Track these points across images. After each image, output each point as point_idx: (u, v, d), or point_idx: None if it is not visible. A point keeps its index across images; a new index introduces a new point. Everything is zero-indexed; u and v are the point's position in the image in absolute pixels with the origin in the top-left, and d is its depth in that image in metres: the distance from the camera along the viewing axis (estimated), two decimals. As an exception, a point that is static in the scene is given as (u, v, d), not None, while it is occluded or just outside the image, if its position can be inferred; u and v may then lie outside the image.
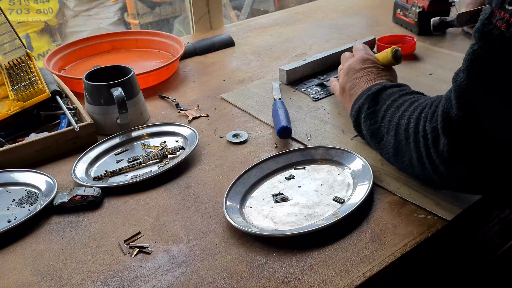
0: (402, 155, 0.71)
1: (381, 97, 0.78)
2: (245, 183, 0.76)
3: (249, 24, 1.49)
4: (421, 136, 0.66)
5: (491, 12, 0.54)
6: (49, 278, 0.62)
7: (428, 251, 0.67)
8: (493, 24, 0.54)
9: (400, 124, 0.71)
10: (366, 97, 0.80)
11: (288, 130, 0.85)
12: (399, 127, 0.71)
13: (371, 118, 0.78)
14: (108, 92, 0.88)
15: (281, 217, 0.69)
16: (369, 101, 0.79)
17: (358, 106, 0.81)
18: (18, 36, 1.03)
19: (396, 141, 0.72)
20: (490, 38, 0.54)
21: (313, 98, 1.01)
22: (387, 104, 0.76)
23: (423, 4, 1.27)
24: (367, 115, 0.78)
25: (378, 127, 0.76)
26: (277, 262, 0.62)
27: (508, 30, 0.52)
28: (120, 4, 2.50)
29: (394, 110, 0.74)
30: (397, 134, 0.71)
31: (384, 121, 0.75)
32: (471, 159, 0.61)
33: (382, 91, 0.79)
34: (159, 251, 0.65)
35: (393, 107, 0.74)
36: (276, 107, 0.92)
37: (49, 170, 0.82)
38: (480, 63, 0.56)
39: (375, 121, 0.77)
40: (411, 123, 0.68)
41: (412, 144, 0.68)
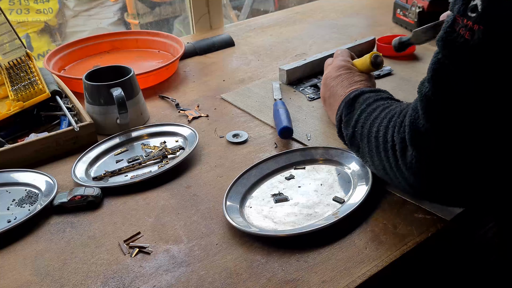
0: (377, 164, 0.68)
1: (357, 102, 0.76)
2: (245, 183, 0.76)
3: (249, 24, 1.49)
4: (389, 146, 0.64)
5: (454, 20, 0.52)
6: (49, 278, 0.62)
7: (428, 251, 0.67)
8: (456, 32, 0.52)
9: (371, 132, 0.69)
10: (344, 104, 0.78)
11: (289, 130, 0.85)
12: (370, 135, 0.68)
13: (348, 125, 0.75)
14: (108, 92, 0.88)
15: (281, 217, 0.69)
16: (347, 108, 0.77)
17: (339, 116, 0.79)
18: (18, 36, 1.03)
19: (369, 149, 0.69)
20: (454, 46, 0.52)
21: (309, 98, 1.01)
22: (361, 109, 0.73)
23: (423, 4, 1.27)
24: (345, 123, 0.76)
25: (352, 133, 0.74)
26: (277, 262, 0.62)
27: (473, 38, 0.50)
28: (120, 4, 2.50)
29: (366, 116, 0.71)
30: (369, 142, 0.69)
31: (357, 127, 0.73)
32: (441, 171, 0.58)
33: (358, 97, 0.77)
34: (159, 251, 0.65)
35: (366, 112, 0.72)
36: (277, 107, 0.92)
37: (49, 170, 0.82)
38: (445, 72, 0.54)
39: (350, 127, 0.75)
40: (380, 132, 0.66)
41: (382, 154, 0.65)
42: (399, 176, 0.63)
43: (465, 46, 0.51)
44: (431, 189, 0.62)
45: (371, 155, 0.69)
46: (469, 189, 0.59)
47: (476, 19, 0.50)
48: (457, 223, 0.68)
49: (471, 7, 0.51)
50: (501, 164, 0.56)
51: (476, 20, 0.50)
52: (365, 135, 0.70)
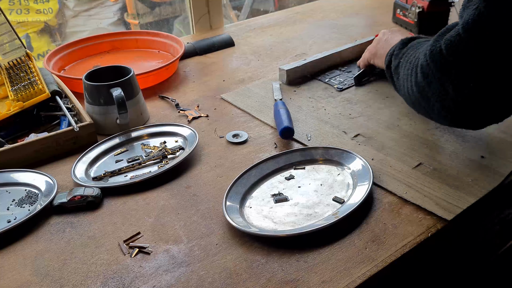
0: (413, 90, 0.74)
1: (412, 42, 0.82)
2: (245, 183, 0.76)
3: (249, 24, 1.49)
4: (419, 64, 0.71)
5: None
6: (49, 278, 0.62)
7: (428, 251, 0.67)
8: None
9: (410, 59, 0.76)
10: (400, 41, 0.85)
11: (290, 131, 0.85)
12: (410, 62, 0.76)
13: (396, 57, 0.83)
14: (107, 92, 0.88)
15: (281, 217, 0.69)
16: (401, 44, 0.84)
17: (392, 50, 0.86)
18: (18, 36, 1.03)
19: (406, 74, 0.76)
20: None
21: (338, 89, 1.04)
22: (412, 45, 0.81)
23: (422, 4, 1.26)
24: (395, 55, 0.83)
25: (398, 63, 0.81)
26: (277, 262, 0.62)
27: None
28: (120, 4, 2.50)
29: (412, 50, 0.78)
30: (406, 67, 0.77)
31: (403, 58, 0.80)
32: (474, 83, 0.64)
33: (415, 39, 0.83)
34: (159, 251, 0.65)
35: (414, 48, 0.79)
36: (277, 107, 0.92)
37: (49, 170, 0.82)
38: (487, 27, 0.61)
39: (398, 58, 0.82)
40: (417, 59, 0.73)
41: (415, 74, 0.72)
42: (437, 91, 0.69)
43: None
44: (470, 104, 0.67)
45: (407, 79, 0.75)
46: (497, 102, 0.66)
47: None
48: (457, 223, 0.68)
49: None
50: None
51: None
52: (406, 62, 0.78)
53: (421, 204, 0.70)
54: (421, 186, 0.73)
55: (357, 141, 0.86)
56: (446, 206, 0.69)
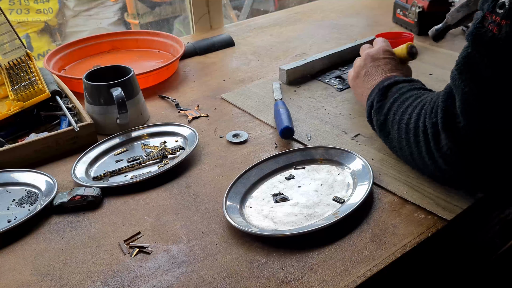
0: (405, 150, 0.73)
1: (391, 91, 0.79)
2: (245, 183, 0.76)
3: (249, 24, 1.49)
4: (420, 131, 0.67)
5: (483, 17, 0.57)
6: (49, 278, 0.62)
7: (428, 251, 0.67)
8: (485, 27, 0.57)
9: (402, 119, 0.72)
10: (378, 91, 0.81)
11: (290, 131, 0.85)
12: (402, 122, 0.72)
13: (379, 112, 0.79)
14: (108, 92, 0.88)
15: (281, 217, 0.69)
16: (379, 96, 0.80)
17: (370, 101, 0.82)
18: (18, 36, 1.03)
19: (398, 135, 0.73)
20: (483, 40, 0.57)
21: (338, 89, 1.04)
22: (394, 97, 0.77)
23: (423, 4, 1.27)
24: (376, 110, 0.80)
25: (384, 120, 0.77)
26: (277, 262, 0.62)
27: (500, 32, 0.55)
28: (120, 4, 2.50)
29: (399, 104, 0.75)
30: (399, 128, 0.73)
31: (389, 115, 0.76)
32: (472, 156, 0.62)
33: (392, 86, 0.80)
34: (159, 251, 0.65)
35: (399, 100, 0.76)
36: (277, 107, 0.92)
37: (49, 170, 0.82)
38: (475, 65, 0.58)
39: (381, 114, 0.78)
40: (412, 118, 0.70)
41: (412, 139, 0.69)
42: (429, 161, 0.67)
43: (493, 39, 0.56)
44: (461, 174, 0.65)
45: (400, 141, 0.73)
46: (499, 174, 0.63)
47: (503, 15, 0.55)
48: (457, 223, 0.68)
49: (499, 4, 0.56)
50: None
51: (504, 15, 0.55)
52: (396, 122, 0.74)
53: (421, 204, 0.70)
54: (421, 186, 0.74)
55: (357, 141, 0.86)
56: (446, 206, 0.69)
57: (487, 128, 0.59)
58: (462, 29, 1.32)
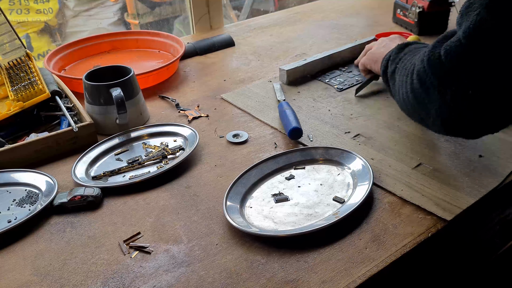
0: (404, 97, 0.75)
1: (408, 47, 0.83)
2: (245, 183, 0.76)
3: (249, 24, 1.49)
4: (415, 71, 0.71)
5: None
6: (49, 278, 0.62)
7: (428, 251, 0.67)
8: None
9: (406, 65, 0.76)
10: (397, 46, 0.85)
11: (299, 131, 0.85)
12: (406, 68, 0.75)
13: (393, 62, 0.82)
14: (107, 92, 0.88)
15: (281, 217, 0.69)
16: (398, 49, 0.83)
17: (388, 55, 0.85)
18: (18, 36, 1.03)
19: (401, 80, 0.76)
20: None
21: (337, 89, 1.04)
22: (408, 51, 0.81)
23: (423, 4, 1.27)
24: (392, 60, 0.83)
25: (395, 68, 0.80)
26: (277, 262, 0.62)
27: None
28: (120, 4, 2.50)
29: (408, 56, 0.78)
30: (402, 73, 0.76)
31: (399, 64, 0.79)
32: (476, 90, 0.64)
33: (411, 44, 0.84)
34: (159, 251, 0.65)
35: (411, 54, 0.79)
36: (283, 108, 0.92)
37: (49, 170, 0.82)
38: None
39: (394, 63, 0.81)
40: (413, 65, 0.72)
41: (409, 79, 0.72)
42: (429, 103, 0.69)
43: None
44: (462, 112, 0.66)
45: (404, 86, 0.75)
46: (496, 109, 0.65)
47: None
48: (457, 223, 0.68)
49: None
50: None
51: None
52: (402, 68, 0.77)
53: (421, 204, 0.70)
54: (421, 186, 0.74)
55: (357, 141, 0.86)
56: (446, 206, 0.69)
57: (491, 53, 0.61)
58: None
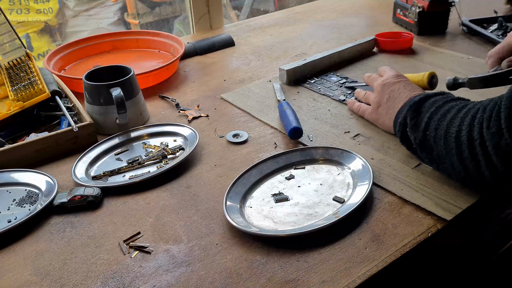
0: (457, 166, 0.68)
1: (424, 106, 0.74)
2: (245, 183, 0.76)
3: (249, 24, 1.49)
4: (477, 144, 0.63)
5: None
6: (49, 278, 0.62)
7: (428, 251, 0.67)
8: None
9: (448, 132, 0.67)
10: (408, 108, 0.76)
11: (299, 131, 0.85)
12: (448, 136, 0.67)
13: (416, 129, 0.74)
14: (107, 92, 0.88)
15: (281, 217, 0.69)
16: (412, 112, 0.75)
17: (402, 119, 0.76)
18: (18, 36, 1.03)
19: (447, 151, 0.68)
20: None
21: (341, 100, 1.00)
22: (431, 111, 0.72)
23: (423, 4, 1.27)
24: (412, 127, 0.74)
25: (423, 137, 0.72)
26: (277, 262, 0.62)
27: None
28: (120, 4, 2.50)
29: (440, 117, 0.70)
30: (446, 143, 0.68)
31: (429, 130, 0.71)
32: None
33: (425, 100, 0.75)
34: (159, 251, 0.65)
35: (438, 114, 0.71)
36: (283, 108, 0.92)
37: (49, 170, 0.82)
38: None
39: (419, 131, 0.73)
40: (463, 131, 0.65)
41: (466, 153, 0.65)
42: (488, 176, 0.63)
43: None
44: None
45: (450, 157, 0.68)
46: None
47: None
48: (457, 223, 0.68)
49: None
50: None
51: None
52: (441, 137, 0.68)
53: (421, 204, 0.70)
54: (421, 186, 0.74)
55: (357, 141, 0.86)
56: (446, 206, 0.69)
57: None
58: (462, 29, 1.32)
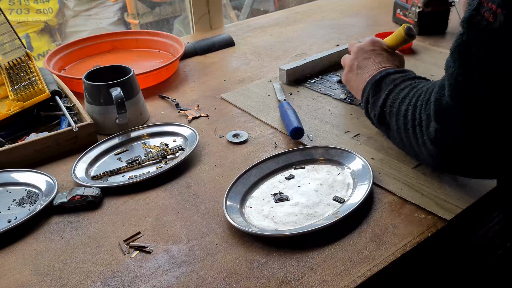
0: (405, 142, 0.73)
1: (384, 83, 0.79)
2: (245, 183, 0.76)
3: (249, 24, 1.49)
4: (417, 123, 0.68)
5: (480, 3, 0.55)
6: (49, 278, 0.62)
7: (428, 251, 0.67)
8: (480, 14, 0.55)
9: (400, 111, 0.72)
10: (370, 86, 0.81)
11: (301, 131, 0.85)
12: (399, 113, 0.72)
13: (375, 106, 0.79)
14: (107, 92, 0.88)
15: (281, 217, 0.69)
16: (373, 90, 0.80)
17: (365, 97, 0.82)
18: (18, 36, 1.03)
19: (397, 127, 0.73)
20: (478, 28, 0.55)
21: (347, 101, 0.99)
22: (389, 89, 0.77)
23: (423, 4, 1.26)
24: (372, 104, 0.80)
25: (380, 113, 0.77)
26: (277, 262, 0.62)
27: (495, 21, 0.53)
28: (120, 4, 2.50)
29: (395, 96, 0.75)
30: (397, 120, 0.73)
31: (386, 107, 0.76)
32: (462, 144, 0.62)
33: (385, 77, 0.80)
34: (159, 251, 0.65)
35: (394, 92, 0.75)
36: (284, 108, 0.92)
37: (49, 170, 0.82)
38: (469, 53, 0.57)
39: (377, 107, 0.78)
40: (409, 110, 0.70)
41: (410, 131, 0.70)
42: (424, 151, 0.68)
43: (488, 28, 0.54)
44: (451, 161, 0.65)
45: (399, 132, 0.73)
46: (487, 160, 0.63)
47: (499, 3, 0.53)
48: (457, 223, 0.68)
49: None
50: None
51: (499, 4, 0.53)
52: (393, 114, 0.74)
53: (421, 204, 0.70)
54: (421, 186, 0.74)
55: (358, 141, 0.86)
56: (446, 206, 0.69)
57: (475, 112, 0.58)
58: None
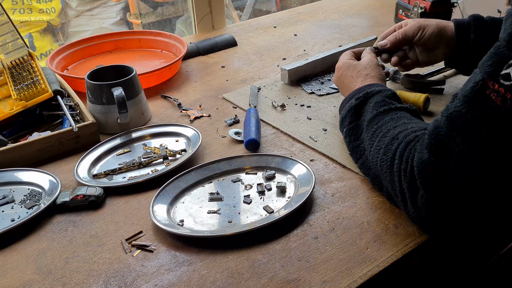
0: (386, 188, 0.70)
1: (364, 109, 0.77)
2: (187, 181, 0.76)
3: (251, 24, 1.49)
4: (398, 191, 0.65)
5: (484, 83, 0.55)
6: (51, 277, 0.62)
7: (429, 251, 0.67)
8: (486, 96, 0.55)
9: (384, 160, 0.68)
10: (348, 111, 0.79)
11: (256, 144, 0.83)
12: (384, 163, 0.68)
13: (352, 134, 0.77)
14: (109, 92, 0.89)
15: (205, 218, 0.70)
16: (351, 116, 0.78)
17: (341, 118, 0.81)
18: (21, 36, 1.04)
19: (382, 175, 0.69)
20: (485, 109, 0.55)
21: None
22: (368, 119, 0.74)
23: (425, 5, 1.26)
24: (348, 131, 0.78)
25: (357, 145, 0.76)
26: (278, 262, 0.63)
27: (505, 105, 0.53)
28: (122, 4, 2.51)
29: (377, 139, 0.71)
30: (382, 170, 0.69)
31: (364, 142, 0.74)
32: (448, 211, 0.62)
33: (364, 103, 0.77)
34: (161, 250, 0.65)
35: (374, 130, 0.72)
36: (249, 115, 0.90)
37: (52, 169, 0.82)
38: (468, 127, 0.56)
39: (355, 137, 0.77)
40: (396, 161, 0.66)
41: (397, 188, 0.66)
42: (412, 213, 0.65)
43: (496, 111, 0.54)
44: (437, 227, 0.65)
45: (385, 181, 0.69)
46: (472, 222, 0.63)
47: (508, 88, 0.53)
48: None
49: (504, 75, 0.53)
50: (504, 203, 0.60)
51: (509, 88, 0.53)
52: (377, 162, 0.70)
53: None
54: (423, 186, 0.73)
55: (359, 141, 0.86)
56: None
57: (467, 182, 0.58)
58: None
